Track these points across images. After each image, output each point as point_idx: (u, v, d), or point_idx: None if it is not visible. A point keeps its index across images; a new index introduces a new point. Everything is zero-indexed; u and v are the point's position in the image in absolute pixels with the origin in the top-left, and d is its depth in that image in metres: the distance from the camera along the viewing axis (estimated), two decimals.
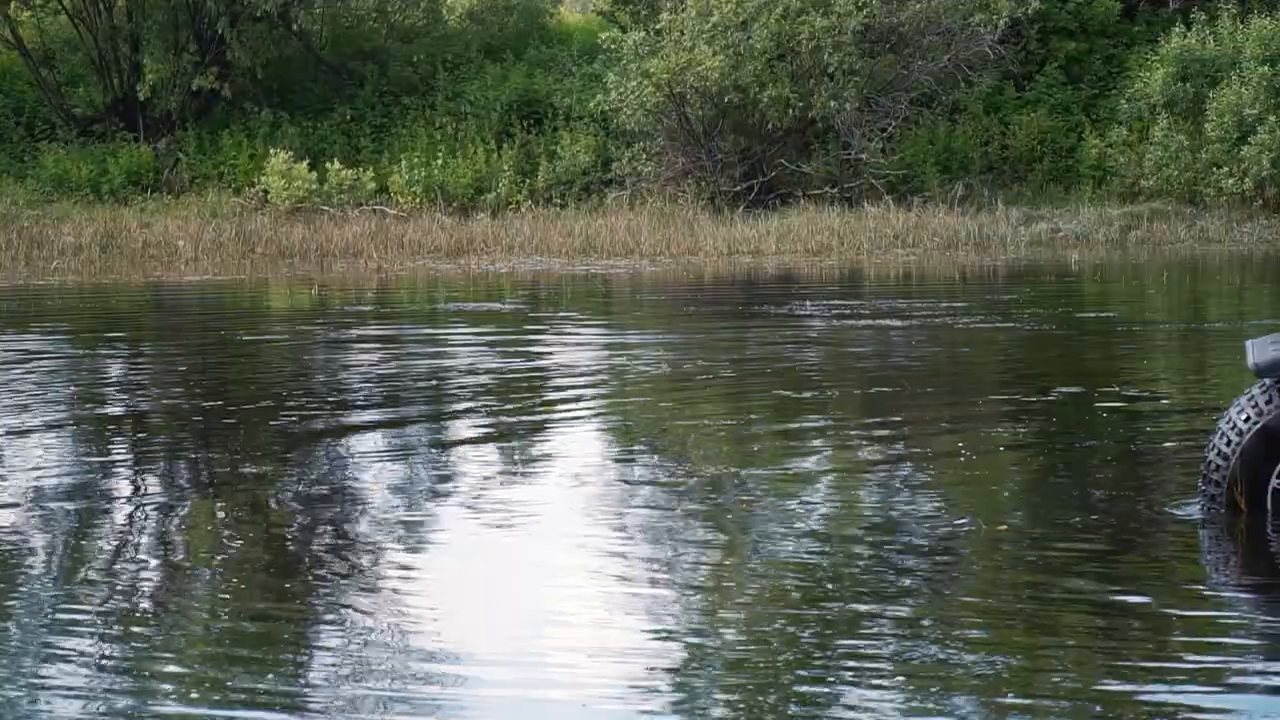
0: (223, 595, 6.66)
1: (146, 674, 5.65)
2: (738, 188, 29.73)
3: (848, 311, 17.61)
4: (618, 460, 9.50)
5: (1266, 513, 7.27)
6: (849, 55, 28.81)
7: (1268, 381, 7.30)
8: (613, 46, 30.94)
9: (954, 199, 29.10)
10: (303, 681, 5.53)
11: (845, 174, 29.73)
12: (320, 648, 5.90)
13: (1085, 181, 30.50)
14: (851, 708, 5.22)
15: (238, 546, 7.46)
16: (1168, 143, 29.43)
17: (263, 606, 6.47)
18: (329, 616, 6.27)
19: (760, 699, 5.31)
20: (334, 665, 5.69)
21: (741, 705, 5.28)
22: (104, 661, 5.75)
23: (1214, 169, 29.05)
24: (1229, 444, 7.30)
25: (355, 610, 6.32)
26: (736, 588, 6.57)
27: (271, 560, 7.22)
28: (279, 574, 6.98)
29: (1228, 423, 7.35)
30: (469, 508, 8.11)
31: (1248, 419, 7.27)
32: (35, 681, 5.54)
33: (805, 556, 7.07)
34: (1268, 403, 7.27)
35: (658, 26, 30.36)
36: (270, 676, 5.57)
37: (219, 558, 7.26)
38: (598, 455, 9.65)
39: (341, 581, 6.77)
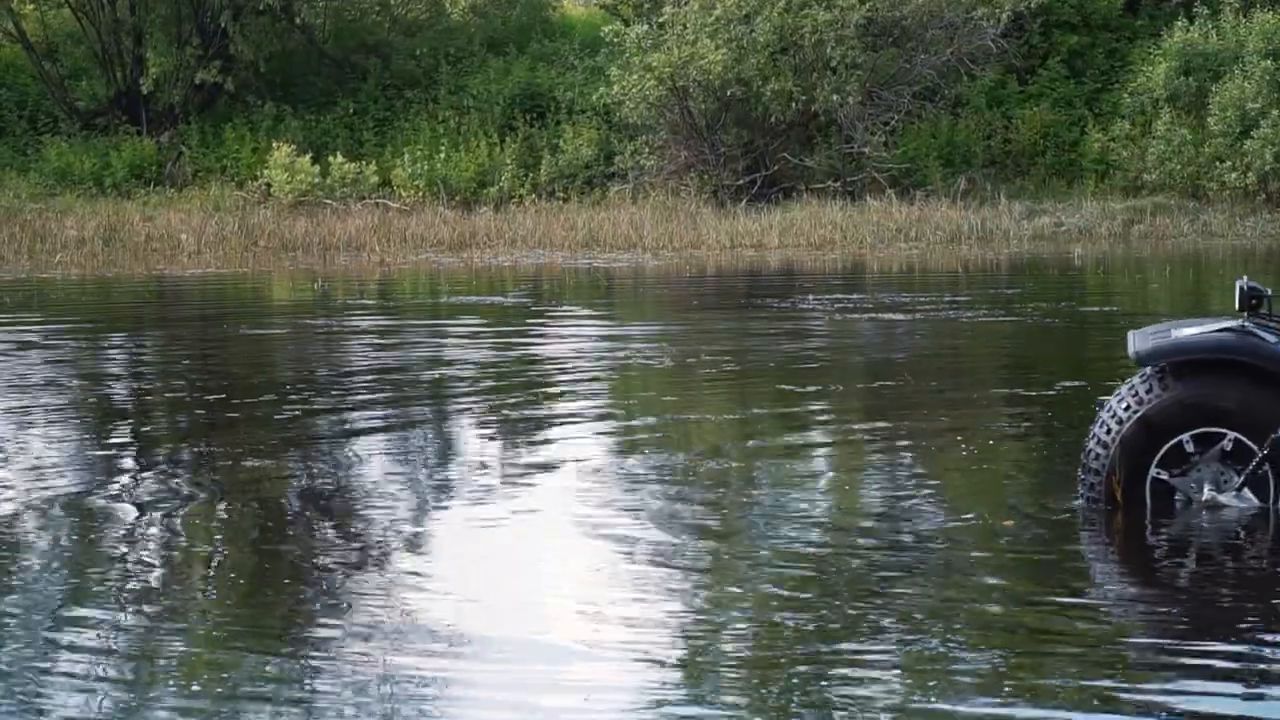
0: (224, 590, 6.67)
1: (147, 670, 5.65)
2: (740, 181, 29.72)
3: (850, 305, 17.61)
4: (620, 452, 9.50)
5: (1145, 504, 7.27)
6: (852, 49, 28.79)
7: (1149, 370, 7.34)
8: (615, 40, 30.92)
9: (956, 193, 29.09)
10: (305, 676, 5.54)
11: (848, 168, 29.72)
12: (323, 642, 5.91)
13: (1088, 176, 30.48)
14: (853, 702, 5.23)
15: (239, 540, 7.47)
16: (1170, 137, 29.41)
17: (265, 601, 6.47)
18: (332, 609, 6.28)
19: (763, 691, 5.32)
20: (336, 659, 5.70)
21: (744, 698, 5.29)
22: (104, 657, 5.75)
23: (1217, 163, 29.03)
24: (1109, 432, 7.30)
25: (357, 603, 6.33)
26: (738, 580, 6.58)
27: (274, 554, 7.23)
28: (282, 568, 6.99)
29: (1108, 412, 7.36)
30: (472, 499, 8.12)
31: (1128, 408, 7.29)
32: (35, 678, 5.55)
33: (807, 549, 7.08)
34: (1148, 391, 7.29)
35: (660, 20, 30.35)
36: (272, 670, 5.58)
37: (220, 552, 7.27)
38: (600, 447, 9.65)
39: (344, 574, 6.78)
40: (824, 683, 5.37)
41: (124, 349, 15.25)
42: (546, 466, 9.03)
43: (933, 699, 5.20)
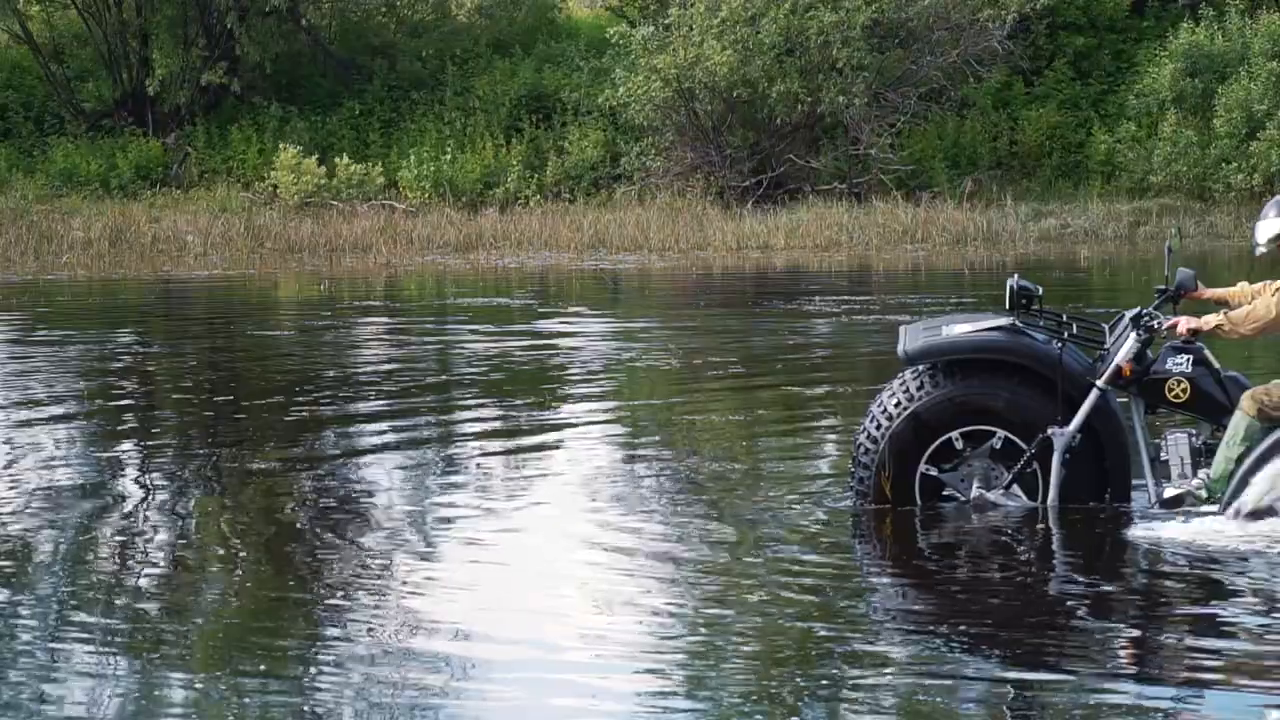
0: (230, 590, 6.68)
1: (154, 668, 5.67)
2: (746, 183, 29.72)
3: (856, 307, 17.62)
4: (626, 453, 9.51)
5: (914, 500, 7.31)
6: (858, 50, 28.78)
7: (921, 367, 7.35)
8: (621, 41, 30.92)
9: (962, 194, 29.09)
10: (310, 676, 5.55)
11: (854, 169, 29.72)
12: (328, 642, 5.92)
13: (1094, 177, 30.47)
14: (854, 701, 5.24)
15: (246, 541, 7.49)
16: (1176, 138, 29.40)
17: (271, 602, 6.48)
18: (338, 610, 6.29)
19: (766, 693, 5.33)
20: (342, 660, 5.71)
21: (748, 699, 5.30)
22: (105, 659, 5.76)
23: (1223, 164, 29.03)
24: (879, 428, 7.33)
25: (363, 604, 6.34)
26: (743, 581, 6.59)
27: (280, 552, 7.24)
28: (288, 568, 6.99)
29: (879, 407, 7.39)
30: (477, 501, 8.12)
31: (899, 404, 7.33)
32: (41, 676, 5.56)
33: (810, 551, 7.08)
34: (919, 388, 7.32)
35: (666, 22, 30.34)
36: (279, 670, 5.59)
37: (227, 552, 7.28)
38: (606, 449, 9.66)
39: (350, 575, 6.79)
40: (826, 684, 5.38)
41: (130, 350, 15.26)
42: (552, 467, 9.04)
43: (934, 700, 5.21)
